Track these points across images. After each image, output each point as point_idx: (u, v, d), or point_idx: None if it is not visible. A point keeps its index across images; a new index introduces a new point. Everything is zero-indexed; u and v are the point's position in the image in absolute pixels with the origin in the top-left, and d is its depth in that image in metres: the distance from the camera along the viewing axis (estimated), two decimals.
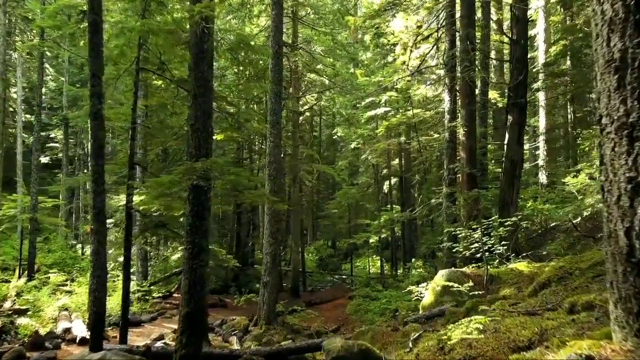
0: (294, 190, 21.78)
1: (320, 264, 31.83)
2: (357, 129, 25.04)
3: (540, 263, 8.46)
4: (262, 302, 13.98)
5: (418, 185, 25.09)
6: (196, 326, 6.57)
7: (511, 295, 6.92)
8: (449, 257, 12.47)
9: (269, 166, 14.09)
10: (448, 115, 13.39)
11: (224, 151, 28.51)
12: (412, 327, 7.23)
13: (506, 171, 12.13)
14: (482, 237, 7.84)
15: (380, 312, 15.99)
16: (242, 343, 12.35)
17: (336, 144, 40.20)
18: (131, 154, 8.90)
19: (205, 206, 6.81)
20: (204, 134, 6.87)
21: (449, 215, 12.69)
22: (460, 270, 8.47)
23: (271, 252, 13.95)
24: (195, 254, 6.68)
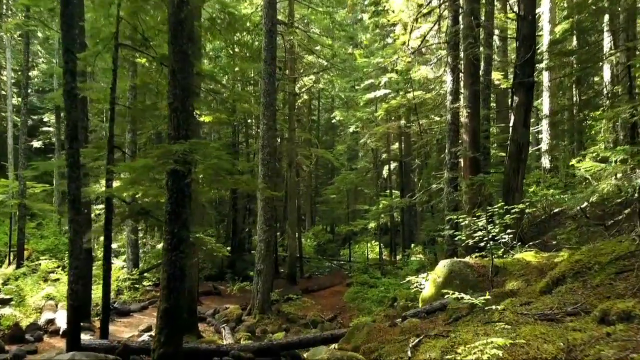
0: (291, 175, 21.18)
1: (318, 249, 31.39)
2: (356, 112, 24.34)
3: (549, 253, 7.91)
4: (255, 291, 13.51)
5: (418, 170, 24.50)
6: (176, 323, 6.04)
7: (519, 288, 6.38)
8: (450, 244, 11.94)
9: (262, 150, 13.48)
10: (450, 96, 12.73)
11: (220, 135, 27.91)
12: (412, 322, 6.71)
13: (511, 155, 11.49)
14: (486, 225, 7.27)
15: (378, 300, 15.53)
16: (235, 333, 11.87)
17: (335, 128, 39.50)
18: (110, 137, 8.29)
19: (185, 193, 6.22)
20: (183, 114, 6.25)
21: (450, 202, 12.12)
22: (462, 261, 7.92)
23: (265, 240, 13.42)
24: (175, 245, 6.11)
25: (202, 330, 12.05)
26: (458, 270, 7.72)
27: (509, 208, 7.80)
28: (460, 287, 7.53)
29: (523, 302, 4.45)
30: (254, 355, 7.41)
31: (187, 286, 10.58)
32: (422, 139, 18.13)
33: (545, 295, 4.81)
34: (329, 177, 36.51)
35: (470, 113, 11.73)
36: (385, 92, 21.75)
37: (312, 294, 18.49)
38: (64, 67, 7.53)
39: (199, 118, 10.16)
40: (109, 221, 8.30)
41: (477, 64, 11.76)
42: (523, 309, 4.09)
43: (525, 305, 4.31)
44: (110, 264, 8.44)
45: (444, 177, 12.40)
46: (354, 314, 15.37)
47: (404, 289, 14.86)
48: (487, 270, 7.57)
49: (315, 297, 18.02)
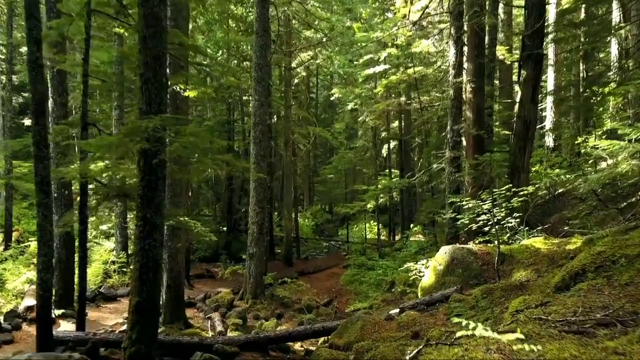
0: (287, 155, 20.50)
1: (316, 229, 30.89)
2: (355, 89, 23.50)
3: (560, 239, 7.30)
4: (248, 275, 12.98)
5: (418, 149, 23.81)
6: (150, 318, 5.46)
7: (529, 280, 5.78)
8: (451, 227, 11.35)
9: (254, 128, 12.78)
10: (453, 70, 11.96)
11: (215, 113, 27.09)
12: (410, 316, 6.13)
13: (517, 133, 10.81)
14: (492, 209, 6.65)
15: (375, 284, 15.05)
16: (226, 319, 11.38)
17: (334, 106, 38.65)
18: (84, 113, 7.59)
19: (158, 175, 5.57)
20: (155, 85, 5.56)
21: (451, 182, 11.48)
22: (466, 247, 7.33)
23: (258, 222, 12.83)
24: (148, 233, 5.50)
25: (191, 316, 11.57)
26: (460, 257, 7.12)
27: (517, 190, 7.17)
28: (463, 277, 6.96)
29: (538, 302, 3.84)
30: (239, 349, 6.88)
31: (174, 272, 10.06)
32: (423, 116, 17.37)
33: (563, 293, 4.20)
34: (328, 156, 35.79)
35: (474, 88, 11.00)
36: (384, 68, 20.90)
37: (308, 276, 18.01)
38: (27, 35, 6.80)
39: (184, 93, 9.44)
40: (84, 204, 7.66)
41: (482, 34, 10.97)
42: (540, 312, 3.48)
43: (541, 306, 3.69)
44: (86, 251, 7.85)
45: (446, 157, 11.74)
46: (351, 298, 14.91)
47: (402, 272, 14.38)
48: (492, 258, 6.98)
49: (311, 280, 17.54)
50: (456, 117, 11.76)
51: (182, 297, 10.26)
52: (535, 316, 3.40)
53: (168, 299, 9.96)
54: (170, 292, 9.94)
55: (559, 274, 4.65)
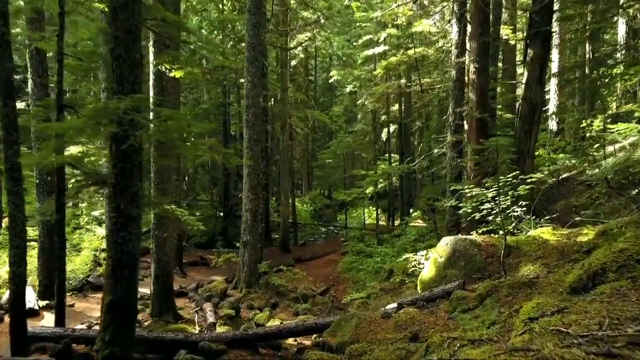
0: (284, 139, 19.94)
1: (314, 214, 30.49)
2: (354, 71, 22.83)
3: (569, 230, 6.82)
4: (242, 263, 12.55)
5: (419, 133, 23.24)
6: (125, 319, 5.00)
7: (538, 276, 5.32)
8: (452, 215, 10.88)
9: (247, 110, 12.22)
10: (456, 49, 11.36)
11: (210, 96, 26.45)
12: (408, 313, 5.69)
13: (523, 116, 10.30)
14: (498, 198, 6.17)
15: (373, 271, 14.65)
16: (218, 310, 10.98)
17: (333, 89, 37.95)
18: (59, 94, 7.05)
19: (133, 162, 5.06)
20: (128, 63, 5.01)
21: (453, 168, 10.98)
22: (469, 238, 6.85)
23: (251, 209, 12.36)
24: (122, 225, 5.01)
25: (182, 307, 11.17)
26: (463, 249, 6.66)
27: (525, 177, 6.68)
28: (465, 270, 6.51)
29: (554, 307, 3.36)
30: (227, 346, 6.45)
31: (162, 262, 9.61)
32: (423, 98, 16.78)
33: (581, 295, 3.73)
34: (327, 140, 35.19)
35: (478, 68, 10.42)
36: (384, 49, 20.25)
37: (305, 263, 17.62)
38: None
39: (170, 74, 8.87)
40: (61, 192, 7.18)
41: (487, 10, 10.35)
42: (558, 321, 3.00)
43: (559, 314, 3.22)
44: (64, 241, 7.38)
45: (447, 141, 11.21)
46: (348, 286, 14.52)
47: (401, 262, 13.96)
48: (497, 250, 6.52)
49: (308, 267, 17.14)
50: (458, 99, 11.20)
51: (171, 288, 9.83)
52: (553, 327, 2.92)
53: (156, 290, 9.53)
54: (159, 282, 9.50)
55: (575, 272, 4.17)
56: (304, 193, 35.15)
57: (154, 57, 9.19)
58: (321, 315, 11.79)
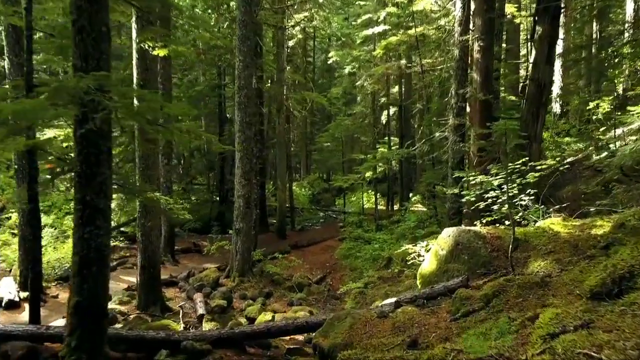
0: (280, 121, 19.33)
1: (312, 199, 30.01)
2: (352, 51, 22.10)
3: (581, 220, 6.32)
4: (235, 252, 12.11)
5: (419, 115, 22.60)
6: (93, 322, 4.53)
7: (550, 274, 4.83)
8: (454, 202, 10.36)
9: (239, 92, 11.63)
10: (459, 27, 10.70)
11: (205, 77, 25.72)
12: (407, 313, 5.22)
13: (530, 97, 9.72)
14: (507, 186, 5.65)
15: (372, 259, 14.20)
16: (210, 301, 10.55)
17: (332, 70, 37.10)
18: (27, 72, 6.48)
19: (100, 148, 4.53)
20: (92, 36, 4.45)
21: (455, 153, 10.43)
22: (473, 230, 6.35)
23: (244, 195, 11.86)
24: (88, 219, 4.51)
25: (172, 297, 10.75)
26: (466, 242, 6.16)
27: (534, 165, 6.15)
28: (469, 264, 6.02)
29: (577, 319, 2.87)
30: (212, 345, 6.00)
31: (148, 252, 9.14)
32: (424, 79, 16.15)
33: (605, 303, 3.24)
34: (326, 123, 34.50)
35: (483, 47, 9.80)
36: (384, 28, 19.50)
37: (301, 249, 17.18)
38: None
39: (153, 52, 8.28)
40: (33, 179, 6.67)
41: None
42: (584, 340, 2.51)
43: (584, 329, 2.72)
44: (39, 230, 6.90)
45: (449, 124, 10.64)
46: (345, 274, 14.09)
47: (400, 249, 13.51)
48: (504, 243, 6.02)
49: (305, 254, 16.72)
50: (461, 80, 10.59)
51: (159, 279, 9.38)
52: (580, 350, 2.42)
53: (143, 281, 9.09)
54: (145, 273, 9.05)
55: (596, 274, 3.67)
56: (303, 177, 34.64)
57: (136, 34, 8.58)
58: (316, 305, 11.40)
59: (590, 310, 3.09)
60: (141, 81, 8.70)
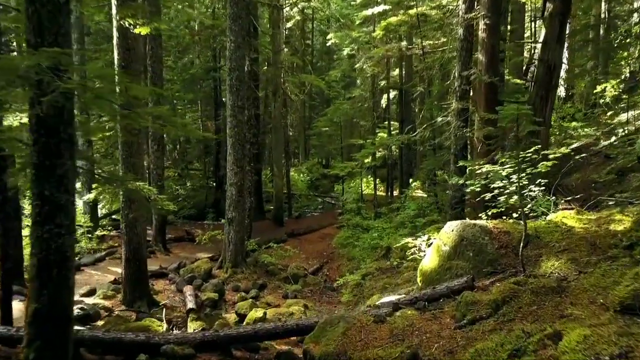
0: (276, 106, 18.71)
1: (311, 185, 29.49)
2: (351, 32, 21.36)
3: (597, 214, 5.81)
4: (227, 241, 11.63)
5: (420, 99, 21.95)
6: (55, 331, 4.05)
7: (566, 277, 4.33)
8: (456, 190, 9.84)
9: (230, 74, 11.03)
10: (463, 4, 10.06)
11: (200, 60, 24.99)
12: (406, 318, 4.74)
13: (539, 80, 9.15)
14: (518, 176, 5.13)
15: (370, 248, 13.73)
16: (200, 293, 10.11)
17: (331, 53, 36.27)
18: None
19: (60, 135, 3.99)
20: (48, 8, 3.88)
21: (458, 139, 9.87)
22: (478, 224, 5.84)
23: (236, 183, 11.34)
24: (48, 216, 3.99)
25: (161, 290, 10.30)
26: (472, 237, 5.65)
27: (548, 153, 5.61)
28: (474, 262, 5.52)
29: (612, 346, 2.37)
30: (195, 349, 5.54)
31: (132, 244, 8.65)
32: (425, 61, 15.50)
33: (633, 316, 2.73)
34: (326, 107, 33.84)
35: (489, 25, 9.16)
36: (384, 8, 18.76)
37: (298, 237, 16.73)
38: None
39: (135, 30, 7.68)
40: (2, 170, 6.14)
41: None
42: None
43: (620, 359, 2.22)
44: (11, 223, 6.40)
45: (452, 108, 10.07)
46: (342, 264, 13.65)
47: (399, 236, 13.04)
48: (512, 239, 5.51)
49: (302, 242, 16.27)
50: (465, 61, 9.99)
51: (145, 272, 8.90)
52: None
53: (127, 274, 8.61)
54: (130, 267, 8.57)
55: (627, 285, 3.16)
56: (301, 162, 34.09)
57: (116, 10, 7.96)
58: (312, 298, 10.97)
59: (625, 333, 2.58)
60: (123, 62, 8.12)
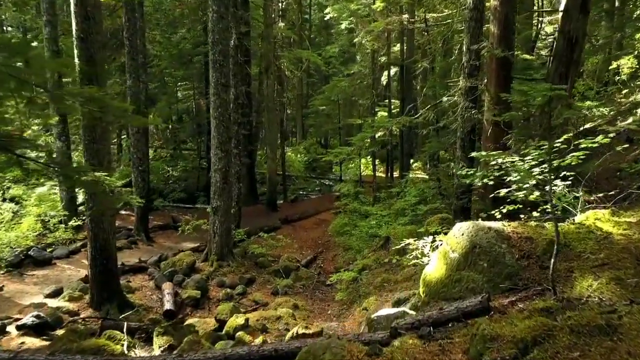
0: (268, 83, 17.58)
1: (309, 166, 28.46)
2: (350, 4, 20.05)
3: (636, 216, 4.83)
4: (212, 232, 10.72)
5: (422, 76, 20.78)
6: None
7: (614, 306, 3.37)
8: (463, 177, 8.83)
9: (213, 48, 9.94)
10: None
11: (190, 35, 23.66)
12: (406, 350, 3.81)
13: (558, 54, 8.06)
14: (549, 172, 4.16)
15: (368, 237, 12.82)
16: (181, 290, 9.25)
17: (330, 28, 34.81)
18: None
19: None
20: None
21: (466, 121, 8.83)
22: (494, 228, 4.86)
23: (221, 169, 10.36)
24: None
25: (138, 286, 9.40)
26: (486, 244, 4.69)
27: (578, 142, 4.61)
28: (490, 275, 4.58)
29: None
30: None
31: (99, 240, 7.72)
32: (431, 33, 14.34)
33: None
34: (325, 84, 32.58)
35: None
36: None
37: (292, 224, 15.85)
38: None
39: None
40: None
41: None
42: None
43: None
44: None
45: (459, 86, 9.00)
46: (338, 254, 12.77)
47: (399, 224, 12.13)
48: (535, 247, 4.56)
49: (296, 229, 15.39)
50: (475, 34, 8.86)
51: (114, 270, 7.98)
52: None
53: (94, 274, 7.70)
54: (97, 265, 7.66)
55: None
56: (299, 142, 33.00)
57: None
58: (304, 294, 10.08)
59: None
60: (81, 33, 7.05)
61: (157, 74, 21.79)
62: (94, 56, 7.15)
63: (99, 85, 7.30)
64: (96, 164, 7.36)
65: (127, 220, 14.08)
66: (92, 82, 7.21)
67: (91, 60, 7.13)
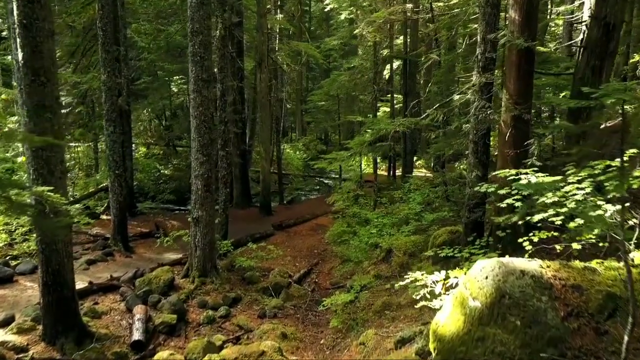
0: (261, 78, 16.39)
1: (307, 164, 27.32)
2: None
3: None
4: (193, 245, 9.61)
5: (426, 71, 19.55)
6: None
7: None
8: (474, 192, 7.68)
9: (192, 39, 8.77)
10: None
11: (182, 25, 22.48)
12: None
13: (591, 44, 6.89)
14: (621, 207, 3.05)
15: (368, 247, 11.67)
16: (155, 315, 8.15)
17: (330, 20, 33.57)
18: None
19: None
20: None
21: (480, 122, 7.65)
22: (529, 272, 3.69)
23: (202, 175, 9.23)
24: None
25: (106, 310, 8.26)
26: (519, 295, 3.55)
27: None
28: (525, 337, 3.44)
29: None
30: None
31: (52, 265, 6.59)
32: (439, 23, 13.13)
33: None
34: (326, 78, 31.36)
35: None
36: None
37: (286, 230, 14.75)
38: None
39: None
40: None
41: None
42: None
43: None
44: None
45: (473, 82, 7.80)
46: (335, 267, 11.65)
47: (402, 235, 10.99)
48: (587, 303, 3.41)
49: (290, 236, 14.28)
50: (491, 22, 7.66)
51: (72, 298, 6.86)
52: None
53: (47, 303, 6.59)
54: (49, 294, 6.55)
55: None
56: (297, 139, 31.84)
57: None
58: (295, 316, 8.94)
59: None
60: (24, 19, 5.90)
61: (146, 67, 20.62)
62: (41, 46, 6.01)
63: (47, 80, 6.20)
64: (46, 173, 6.26)
65: (108, 227, 12.95)
66: (38, 76, 6.10)
67: (37, 51, 6.00)
